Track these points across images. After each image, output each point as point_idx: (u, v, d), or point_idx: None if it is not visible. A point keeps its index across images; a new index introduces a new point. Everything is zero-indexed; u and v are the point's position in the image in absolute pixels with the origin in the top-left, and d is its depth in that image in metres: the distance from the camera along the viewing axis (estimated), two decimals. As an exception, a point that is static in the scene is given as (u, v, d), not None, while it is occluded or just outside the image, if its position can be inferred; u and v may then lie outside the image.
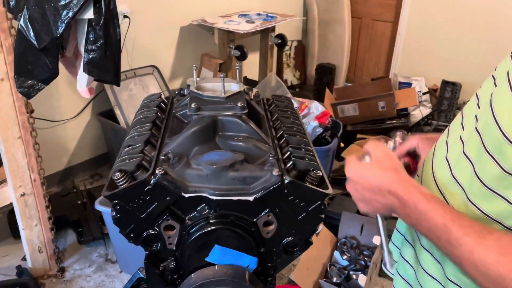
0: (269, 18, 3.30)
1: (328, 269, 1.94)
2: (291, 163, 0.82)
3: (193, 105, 0.91)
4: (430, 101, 3.62)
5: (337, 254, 2.00)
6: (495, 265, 0.52)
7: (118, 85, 1.51)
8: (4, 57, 1.60)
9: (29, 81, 1.44)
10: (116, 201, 0.78)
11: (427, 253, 0.73)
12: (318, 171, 0.81)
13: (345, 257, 1.98)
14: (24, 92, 1.46)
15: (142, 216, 0.80)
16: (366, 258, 1.96)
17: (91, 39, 1.33)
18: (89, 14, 1.28)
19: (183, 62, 3.27)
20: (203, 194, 0.78)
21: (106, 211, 1.82)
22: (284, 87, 3.10)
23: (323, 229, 2.05)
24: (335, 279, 1.87)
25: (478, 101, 0.67)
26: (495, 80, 0.65)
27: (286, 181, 0.77)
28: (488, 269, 0.53)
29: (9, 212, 2.20)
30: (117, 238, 1.92)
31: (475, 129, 0.62)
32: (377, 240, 1.97)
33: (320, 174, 0.81)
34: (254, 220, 0.81)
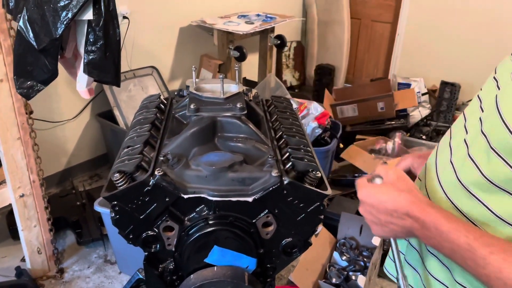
0: (268, 19, 3.30)
1: (328, 270, 1.94)
2: (290, 164, 0.83)
3: (192, 106, 0.91)
4: (429, 102, 3.63)
5: (336, 255, 2.00)
6: None
7: (118, 86, 1.51)
8: (3, 58, 1.60)
9: (29, 82, 1.44)
10: (115, 202, 0.78)
11: (434, 257, 0.72)
12: (317, 172, 0.81)
13: (344, 258, 1.99)
14: (23, 93, 1.46)
15: (141, 217, 0.80)
16: (365, 259, 1.96)
17: (91, 40, 1.33)
18: (89, 15, 1.28)
19: (182, 63, 3.27)
20: (202, 195, 0.78)
21: (105, 212, 1.82)
22: (283, 88, 3.10)
23: (322, 230, 2.06)
24: (334, 280, 1.87)
25: (481, 103, 0.67)
26: (497, 82, 0.65)
27: (285, 182, 0.77)
28: None
29: (8, 213, 2.20)
30: (116, 239, 1.92)
31: (480, 131, 0.62)
32: (376, 241, 1.97)
33: (319, 175, 0.81)
34: (253, 221, 0.81)
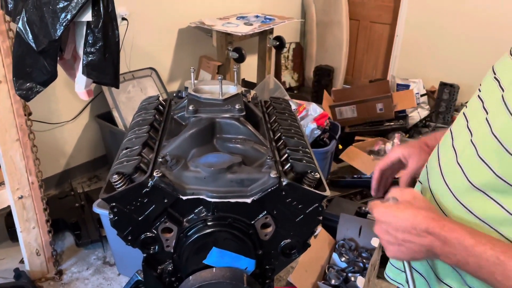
0: (267, 20, 3.30)
1: (327, 271, 1.94)
2: (288, 165, 0.83)
3: (191, 108, 0.91)
4: (428, 103, 3.63)
5: (335, 256, 2.00)
6: None
7: (117, 87, 1.52)
8: (2, 59, 1.60)
9: (28, 84, 1.44)
10: (113, 204, 0.78)
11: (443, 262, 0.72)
12: (316, 173, 0.81)
13: (343, 259, 1.99)
14: (22, 95, 1.46)
15: (139, 218, 0.80)
16: (364, 260, 1.96)
17: (90, 41, 1.33)
18: (88, 16, 1.28)
19: (181, 64, 3.27)
20: (200, 197, 0.78)
21: (104, 213, 1.81)
22: (282, 89, 3.10)
23: (321, 231, 2.05)
24: (333, 281, 1.87)
25: (483, 104, 0.66)
26: (499, 82, 0.64)
27: (284, 183, 0.78)
28: None
29: (6, 215, 2.20)
30: (115, 241, 1.91)
31: (490, 133, 0.61)
32: (375, 242, 1.97)
33: (318, 176, 0.81)
34: (252, 222, 0.81)
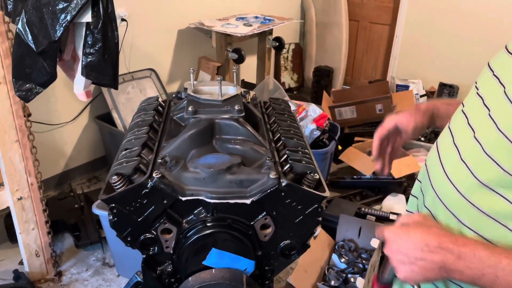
0: (267, 21, 3.31)
1: (326, 272, 1.94)
2: (288, 166, 0.83)
3: (190, 108, 0.91)
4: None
5: (335, 257, 2.00)
6: None
7: (116, 88, 1.52)
8: (1, 60, 1.60)
9: (27, 85, 1.44)
10: (113, 205, 0.78)
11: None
12: (315, 174, 0.81)
13: (343, 260, 1.98)
14: (22, 96, 1.46)
15: (139, 219, 0.80)
16: (364, 261, 1.96)
17: (89, 42, 1.33)
18: (87, 17, 1.28)
19: (181, 65, 3.27)
20: (200, 197, 0.78)
21: (104, 214, 1.81)
22: (281, 90, 3.10)
23: (321, 232, 2.05)
24: (333, 282, 1.87)
25: (484, 101, 0.66)
26: (499, 79, 0.65)
27: (283, 184, 0.78)
28: None
29: (6, 216, 2.20)
30: (114, 242, 1.91)
31: (497, 129, 0.61)
32: (374, 243, 1.97)
33: (317, 177, 0.81)
34: (251, 223, 0.81)
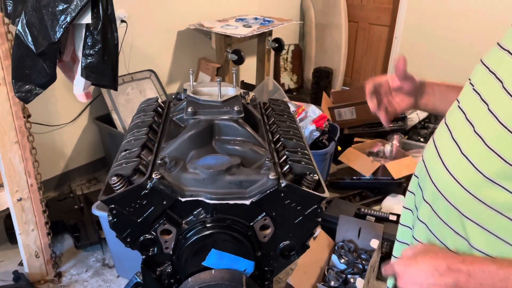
0: (266, 22, 3.31)
1: (326, 273, 1.94)
2: (287, 166, 0.83)
3: (189, 109, 0.91)
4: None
5: (334, 257, 2.00)
6: None
7: (116, 89, 1.52)
8: (1, 61, 1.60)
9: (27, 86, 1.44)
10: (112, 206, 0.78)
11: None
12: (315, 175, 0.81)
13: (342, 260, 1.98)
14: (21, 97, 1.46)
15: (138, 220, 0.80)
16: (363, 262, 1.96)
17: (89, 43, 1.34)
18: (87, 19, 1.28)
19: (180, 66, 3.28)
20: (199, 198, 0.79)
21: (103, 215, 1.81)
22: (281, 91, 3.11)
23: (320, 232, 2.05)
24: (332, 283, 1.87)
25: (481, 96, 0.67)
26: (495, 74, 0.66)
27: (283, 184, 0.78)
28: None
29: (5, 217, 2.20)
30: (114, 243, 1.91)
31: (498, 123, 0.62)
32: (374, 243, 1.97)
33: (317, 178, 0.81)
34: (251, 224, 0.82)
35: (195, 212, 0.81)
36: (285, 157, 0.86)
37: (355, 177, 2.73)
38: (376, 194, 2.66)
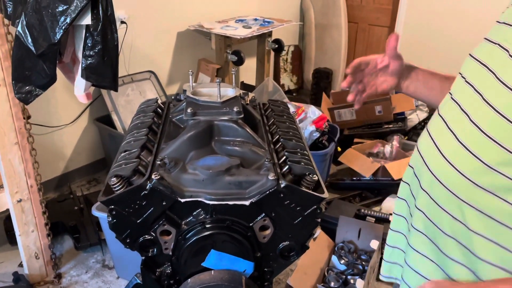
0: (266, 23, 3.31)
1: (326, 273, 1.94)
2: (287, 167, 0.83)
3: (189, 110, 0.91)
4: (427, 105, 3.64)
5: (334, 258, 2.00)
6: None
7: (116, 90, 1.52)
8: (1, 63, 1.60)
9: (27, 87, 1.44)
10: (112, 206, 0.78)
11: (451, 239, 0.73)
12: (314, 175, 0.81)
13: (342, 261, 1.98)
14: (21, 98, 1.46)
15: (138, 221, 0.80)
16: (363, 263, 1.95)
17: (89, 44, 1.34)
18: (87, 20, 1.28)
19: (180, 67, 3.28)
20: (199, 199, 0.79)
21: (103, 216, 1.81)
22: (281, 91, 3.11)
23: (320, 233, 2.05)
24: (333, 284, 1.87)
25: (475, 88, 0.69)
26: (487, 66, 0.68)
27: (282, 185, 0.78)
28: None
29: (5, 218, 2.20)
30: (114, 244, 1.91)
31: (493, 111, 0.64)
32: (374, 244, 1.97)
33: (316, 178, 0.81)
34: (250, 224, 0.82)
35: (195, 213, 0.81)
36: (284, 157, 0.86)
37: (355, 178, 2.73)
38: (376, 195, 2.66)
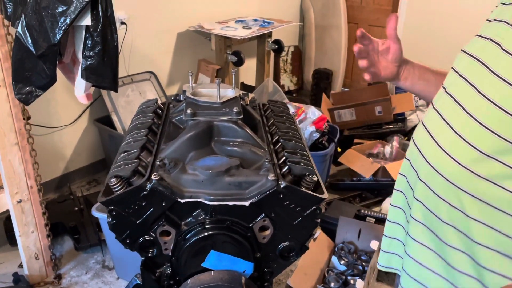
0: (266, 24, 3.31)
1: (326, 274, 1.94)
2: (286, 168, 0.83)
3: (189, 111, 0.91)
4: (427, 105, 3.64)
5: (334, 259, 2.00)
6: None
7: (116, 90, 1.51)
8: (1, 63, 1.60)
9: (27, 88, 1.44)
10: (112, 207, 0.78)
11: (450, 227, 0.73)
12: (314, 176, 0.81)
13: (342, 262, 1.98)
14: (22, 99, 1.46)
15: (138, 221, 0.80)
16: (363, 263, 1.95)
17: (89, 45, 1.34)
18: (87, 20, 1.28)
19: (180, 68, 3.28)
20: (199, 200, 0.79)
21: (103, 217, 1.81)
22: (281, 92, 3.11)
23: (320, 234, 2.05)
24: (333, 285, 1.87)
25: (468, 81, 0.72)
26: (479, 60, 0.71)
27: (282, 185, 0.78)
28: None
29: (5, 219, 2.20)
30: (114, 245, 1.91)
31: (490, 102, 0.66)
32: (374, 245, 1.97)
33: (316, 179, 0.81)
34: (250, 225, 0.82)
35: (195, 213, 0.81)
36: (284, 158, 0.86)
37: (355, 179, 2.73)
38: (376, 195, 2.66)
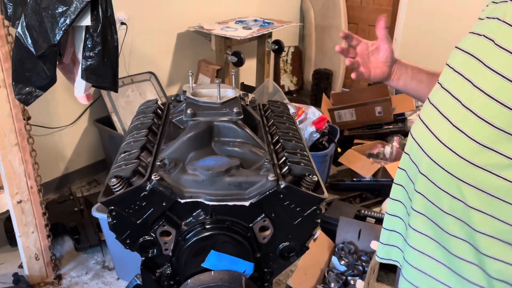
0: (266, 24, 3.32)
1: (326, 274, 1.94)
2: (286, 168, 0.83)
3: (189, 111, 0.91)
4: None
5: (334, 259, 2.00)
6: None
7: (116, 91, 1.52)
8: (1, 64, 1.61)
9: (27, 88, 1.44)
10: (112, 207, 0.78)
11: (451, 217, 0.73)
12: (314, 176, 0.81)
13: (343, 262, 1.98)
14: (22, 99, 1.46)
15: (138, 222, 0.80)
16: (364, 264, 1.95)
17: (89, 45, 1.34)
18: (87, 21, 1.29)
19: (180, 68, 3.28)
20: (199, 200, 0.79)
21: (103, 217, 1.81)
22: (281, 92, 3.11)
23: (320, 234, 2.05)
24: (333, 285, 1.86)
25: (464, 75, 0.73)
26: (473, 56, 0.72)
27: (282, 186, 0.78)
28: None
29: (5, 219, 2.20)
30: (114, 245, 1.91)
31: (486, 95, 0.68)
32: (374, 245, 1.97)
33: (316, 179, 0.82)
34: (250, 225, 0.82)
35: (195, 214, 0.81)
36: (284, 158, 0.86)
37: (355, 179, 2.73)
38: (376, 195, 2.66)
